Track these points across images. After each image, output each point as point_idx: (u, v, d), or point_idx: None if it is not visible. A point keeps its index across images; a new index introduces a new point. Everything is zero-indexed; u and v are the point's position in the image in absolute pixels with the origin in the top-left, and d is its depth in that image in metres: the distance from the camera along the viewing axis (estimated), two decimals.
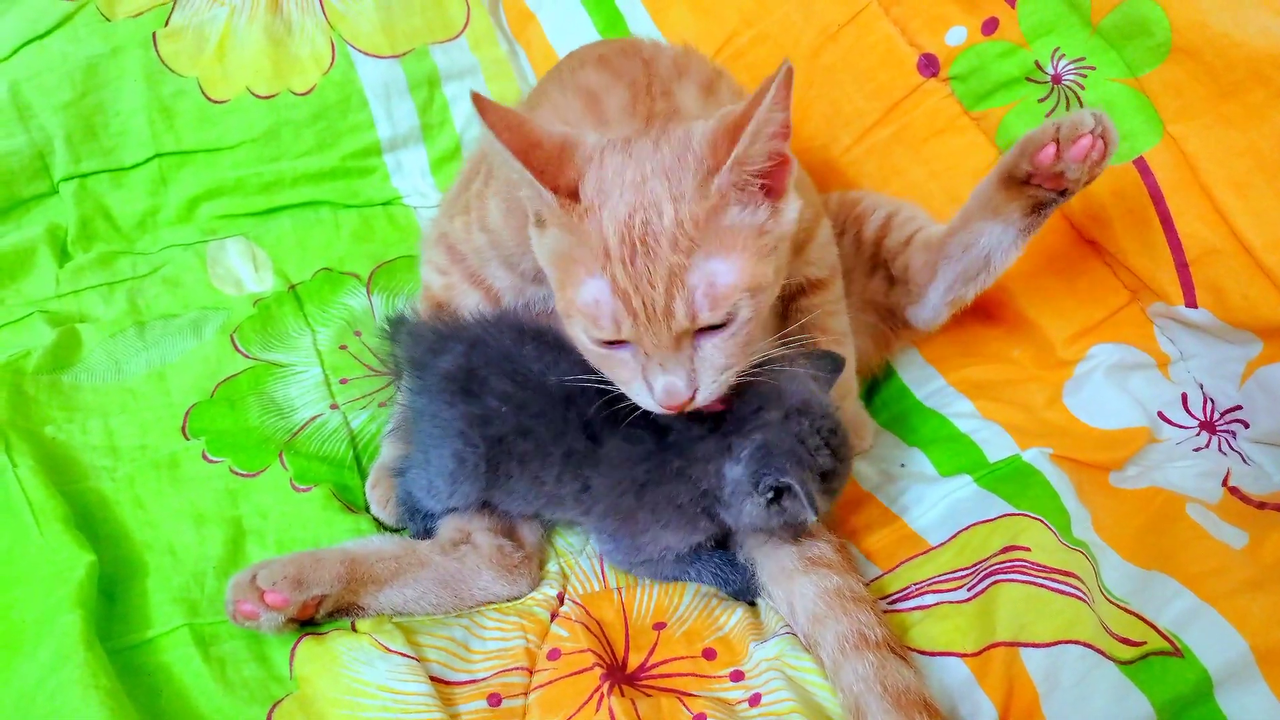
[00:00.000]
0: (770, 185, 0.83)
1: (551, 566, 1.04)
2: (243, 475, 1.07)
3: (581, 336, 0.86)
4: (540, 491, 0.97)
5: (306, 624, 0.91)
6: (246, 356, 1.24)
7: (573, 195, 0.81)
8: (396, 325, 1.15)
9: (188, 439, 1.12)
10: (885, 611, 0.93)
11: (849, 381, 1.15)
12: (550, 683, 0.88)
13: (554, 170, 0.81)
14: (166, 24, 1.51)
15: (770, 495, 0.88)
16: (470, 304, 1.15)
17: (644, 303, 0.79)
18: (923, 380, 1.27)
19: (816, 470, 0.89)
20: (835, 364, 0.99)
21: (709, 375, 0.84)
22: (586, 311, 0.82)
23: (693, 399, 0.84)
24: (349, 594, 0.92)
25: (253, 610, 0.87)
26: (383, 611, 0.94)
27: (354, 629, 0.91)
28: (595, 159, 0.82)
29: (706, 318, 0.80)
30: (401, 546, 0.99)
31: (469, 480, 0.96)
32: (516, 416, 0.94)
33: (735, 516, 0.92)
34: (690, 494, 0.92)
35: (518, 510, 1.02)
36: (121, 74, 1.48)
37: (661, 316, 0.79)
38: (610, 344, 0.85)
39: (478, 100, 0.78)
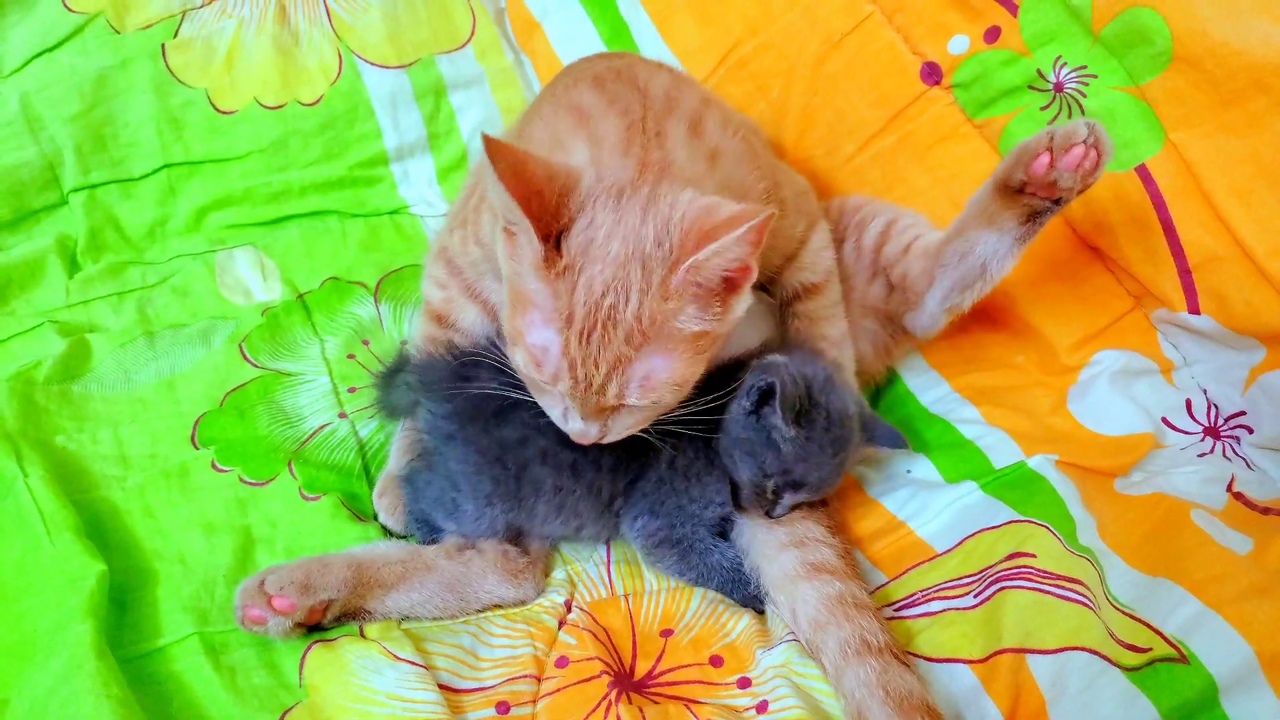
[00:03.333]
0: (731, 282, 0.83)
1: (559, 574, 1.04)
2: (252, 484, 1.07)
3: (518, 362, 0.88)
4: (584, 504, 1.00)
5: (314, 629, 0.92)
6: (255, 365, 1.25)
7: (558, 243, 0.81)
8: (398, 368, 1.13)
9: (197, 448, 1.12)
10: (891, 618, 0.93)
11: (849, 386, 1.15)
12: (558, 690, 0.88)
13: (549, 218, 0.80)
14: (175, 36, 1.52)
15: (755, 399, 0.95)
16: (469, 317, 1.15)
17: (585, 376, 0.82)
18: (927, 386, 1.27)
19: (795, 400, 0.94)
20: (898, 440, 1.04)
21: (619, 429, 0.89)
22: (533, 353, 0.84)
23: (602, 438, 0.89)
24: (356, 598, 0.93)
25: (261, 615, 0.88)
26: (389, 615, 0.94)
27: (362, 634, 0.92)
28: (587, 210, 0.81)
29: (634, 403, 0.85)
30: (407, 551, 0.99)
31: (502, 500, 0.98)
32: (553, 429, 0.95)
33: (728, 436, 0.98)
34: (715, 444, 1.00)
35: (547, 531, 1.03)
36: (131, 85, 1.49)
37: (595, 391, 0.82)
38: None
39: (490, 144, 0.76)
